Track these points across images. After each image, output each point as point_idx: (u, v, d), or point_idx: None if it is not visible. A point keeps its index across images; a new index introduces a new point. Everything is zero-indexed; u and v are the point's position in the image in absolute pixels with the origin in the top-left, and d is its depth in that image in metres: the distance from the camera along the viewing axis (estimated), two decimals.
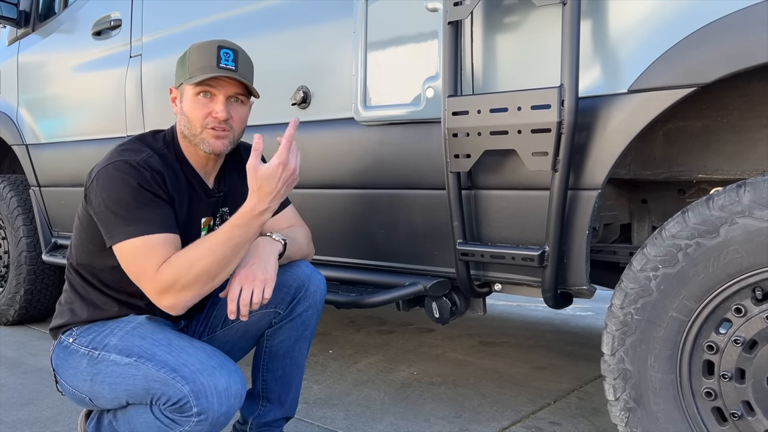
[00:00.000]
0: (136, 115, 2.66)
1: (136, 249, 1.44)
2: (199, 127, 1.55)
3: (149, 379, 1.42)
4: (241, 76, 1.55)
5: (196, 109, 1.55)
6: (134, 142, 1.59)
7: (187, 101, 1.56)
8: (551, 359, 2.80)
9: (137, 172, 1.46)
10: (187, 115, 1.56)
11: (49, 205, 3.27)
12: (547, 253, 1.57)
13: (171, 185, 1.54)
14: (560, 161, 1.47)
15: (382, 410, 2.22)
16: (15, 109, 3.40)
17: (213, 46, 1.54)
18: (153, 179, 1.48)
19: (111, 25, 2.79)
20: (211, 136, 1.56)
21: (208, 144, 1.57)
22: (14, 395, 2.39)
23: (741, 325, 1.29)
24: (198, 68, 1.52)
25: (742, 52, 1.27)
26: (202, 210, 1.65)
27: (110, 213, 1.45)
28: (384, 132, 1.88)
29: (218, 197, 1.69)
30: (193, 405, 1.37)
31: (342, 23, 1.95)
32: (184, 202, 1.58)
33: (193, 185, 1.63)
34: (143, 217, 1.44)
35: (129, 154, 1.51)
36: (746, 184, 1.27)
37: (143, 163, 1.49)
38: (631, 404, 1.42)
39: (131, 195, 1.44)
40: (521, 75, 1.61)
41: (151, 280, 1.42)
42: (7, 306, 3.47)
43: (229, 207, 1.72)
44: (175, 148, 1.62)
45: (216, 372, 1.40)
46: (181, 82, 1.57)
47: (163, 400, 1.41)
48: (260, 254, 1.53)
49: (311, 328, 1.77)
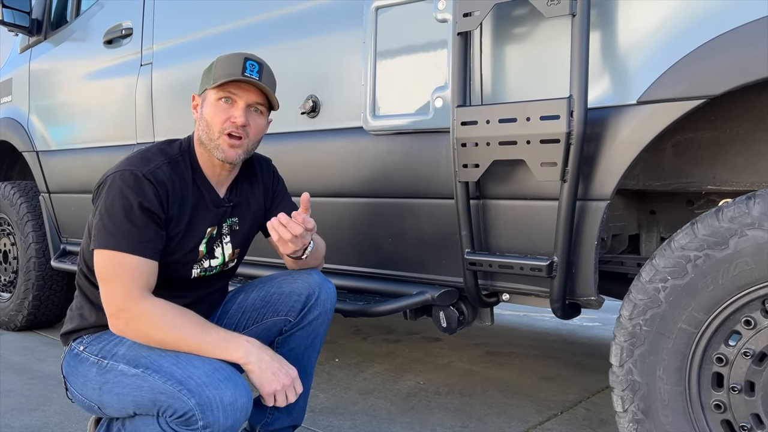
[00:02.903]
0: (146, 123, 2.68)
1: (111, 261, 1.46)
2: (217, 132, 1.57)
3: (156, 391, 1.42)
4: (263, 84, 1.58)
5: (217, 114, 1.57)
6: (149, 150, 1.60)
7: (208, 106, 1.58)
8: (558, 370, 2.79)
9: (139, 187, 1.47)
10: (207, 120, 1.58)
11: (58, 212, 3.29)
12: (555, 264, 1.57)
13: (174, 197, 1.54)
14: (569, 172, 1.48)
15: (389, 419, 2.21)
16: (26, 117, 3.43)
17: (239, 57, 1.56)
18: (155, 194, 1.49)
19: (122, 33, 2.81)
20: (227, 144, 1.57)
21: (222, 151, 1.58)
22: (22, 401, 2.40)
23: (750, 337, 1.28)
24: (222, 75, 1.55)
25: (751, 64, 1.27)
26: (207, 220, 1.65)
27: (102, 220, 1.48)
28: (393, 141, 1.89)
29: (227, 207, 1.69)
30: (199, 418, 1.37)
31: (351, 33, 1.97)
32: (186, 213, 1.58)
33: (203, 194, 1.63)
34: (128, 235, 1.45)
35: (139, 163, 1.52)
36: (756, 196, 1.27)
37: (149, 174, 1.50)
38: (640, 416, 1.41)
39: (125, 211, 1.46)
40: (530, 85, 1.61)
41: (122, 296, 1.44)
42: (15, 311, 3.49)
43: (238, 218, 1.73)
44: (190, 155, 1.63)
45: (222, 385, 1.40)
46: (205, 88, 1.60)
47: (169, 412, 1.41)
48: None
49: (321, 336, 1.77)
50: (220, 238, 1.70)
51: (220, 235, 1.70)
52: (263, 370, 1.43)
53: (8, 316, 3.53)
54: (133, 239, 1.45)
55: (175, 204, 1.55)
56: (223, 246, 1.71)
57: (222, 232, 1.70)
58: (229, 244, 1.72)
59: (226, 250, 1.72)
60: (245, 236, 1.78)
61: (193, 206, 1.60)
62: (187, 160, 1.62)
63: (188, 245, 1.61)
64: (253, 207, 1.77)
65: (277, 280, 1.78)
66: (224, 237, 1.71)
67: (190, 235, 1.60)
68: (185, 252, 1.61)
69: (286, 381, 1.44)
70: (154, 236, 1.49)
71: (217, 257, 1.70)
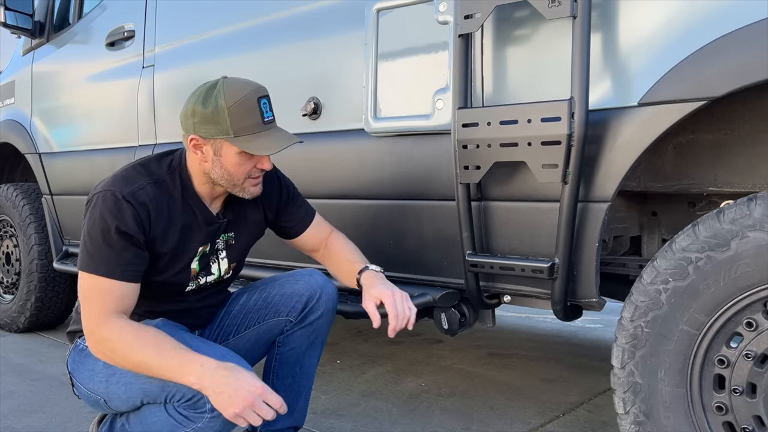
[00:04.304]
0: (148, 125, 2.69)
1: (89, 283, 1.45)
2: (241, 179, 1.55)
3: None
4: (288, 138, 1.54)
5: (241, 165, 1.52)
6: (135, 168, 1.56)
7: (228, 158, 1.51)
8: (560, 372, 2.79)
9: (119, 210, 1.44)
10: (228, 170, 1.53)
11: (60, 214, 3.29)
12: (556, 265, 1.57)
13: (158, 218, 1.51)
14: (570, 173, 1.48)
15: (390, 421, 2.21)
16: (29, 119, 3.44)
17: (253, 100, 1.48)
18: (134, 217, 1.45)
19: (124, 36, 2.82)
20: (252, 185, 1.57)
21: (249, 192, 1.58)
22: (24, 402, 2.41)
23: (752, 339, 1.28)
24: (243, 128, 1.47)
25: (752, 66, 1.27)
26: (199, 239, 1.61)
27: (84, 241, 1.47)
28: (394, 143, 1.89)
29: (221, 223, 1.65)
30: (207, 401, 1.38)
31: (353, 35, 1.97)
32: (174, 233, 1.55)
33: (194, 212, 1.59)
34: (106, 259, 1.44)
35: (122, 183, 1.49)
36: (757, 198, 1.27)
37: (129, 196, 1.46)
38: (641, 418, 1.41)
39: (103, 235, 1.44)
40: (531, 87, 1.61)
41: (93, 318, 1.43)
42: (17, 313, 3.49)
43: (234, 233, 1.71)
44: (181, 174, 1.58)
45: None
46: (219, 137, 1.49)
47: (177, 396, 1.43)
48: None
49: (322, 336, 1.78)
50: (216, 254, 1.68)
51: (215, 251, 1.68)
52: (218, 393, 1.32)
53: (11, 317, 3.53)
54: (110, 263, 1.44)
55: (159, 225, 1.51)
56: (219, 261, 1.69)
57: (217, 248, 1.68)
58: (225, 260, 1.71)
59: (222, 265, 1.70)
60: (242, 250, 1.76)
61: (182, 226, 1.56)
62: (177, 179, 1.57)
63: (178, 264, 1.59)
64: (250, 220, 1.74)
65: (279, 281, 1.79)
66: (219, 252, 1.69)
67: (180, 254, 1.58)
68: (176, 271, 1.59)
69: (247, 400, 1.30)
70: (133, 259, 1.46)
71: (213, 273, 1.69)
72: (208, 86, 1.51)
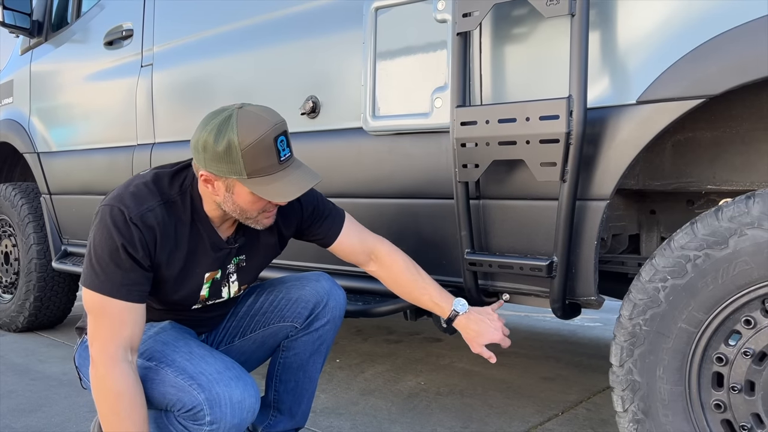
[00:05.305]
0: (147, 124, 2.68)
1: (94, 301, 1.40)
2: (255, 214, 1.48)
3: (166, 384, 1.43)
4: (306, 179, 1.44)
5: (256, 203, 1.44)
6: (147, 185, 1.47)
7: (241, 196, 1.43)
8: (559, 370, 2.79)
9: (127, 230, 1.39)
10: (241, 206, 1.45)
11: (59, 213, 3.29)
12: (555, 264, 1.57)
13: (165, 242, 1.45)
14: (568, 172, 1.48)
15: (389, 420, 2.21)
16: (27, 118, 3.43)
17: (269, 141, 1.36)
18: (140, 240, 1.40)
19: (123, 35, 2.82)
20: (265, 218, 1.50)
21: (262, 224, 1.51)
22: (23, 402, 2.40)
23: (750, 336, 1.28)
24: (257, 170, 1.37)
25: (751, 63, 1.27)
26: (207, 264, 1.55)
27: (89, 256, 1.42)
28: (392, 142, 1.89)
29: (231, 248, 1.58)
30: (207, 413, 1.37)
31: (351, 34, 1.97)
32: (179, 258, 1.49)
33: (201, 237, 1.52)
34: (112, 278, 1.39)
35: (132, 200, 1.42)
36: (755, 196, 1.27)
37: (137, 219, 1.40)
38: (640, 416, 1.41)
39: (109, 252, 1.39)
40: (530, 86, 1.61)
41: (100, 350, 1.39)
42: (16, 313, 3.49)
43: (246, 256, 1.63)
44: (192, 195, 1.50)
45: (232, 383, 1.41)
46: (231, 177, 1.38)
47: (177, 406, 1.42)
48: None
49: (327, 342, 1.77)
50: (226, 278, 1.62)
51: (225, 276, 1.62)
52: None
53: (9, 317, 3.53)
54: (116, 283, 1.39)
55: (164, 250, 1.45)
56: (229, 285, 1.64)
57: (227, 272, 1.62)
58: (235, 282, 1.65)
59: (233, 288, 1.65)
60: (254, 272, 1.70)
61: (188, 251, 1.50)
62: (188, 202, 1.50)
63: (184, 290, 1.54)
64: (263, 244, 1.66)
65: (287, 284, 1.77)
66: (230, 276, 1.63)
67: (184, 278, 1.52)
68: (183, 295, 1.55)
69: None
70: (139, 278, 1.42)
71: (222, 296, 1.64)
72: (221, 119, 1.37)
